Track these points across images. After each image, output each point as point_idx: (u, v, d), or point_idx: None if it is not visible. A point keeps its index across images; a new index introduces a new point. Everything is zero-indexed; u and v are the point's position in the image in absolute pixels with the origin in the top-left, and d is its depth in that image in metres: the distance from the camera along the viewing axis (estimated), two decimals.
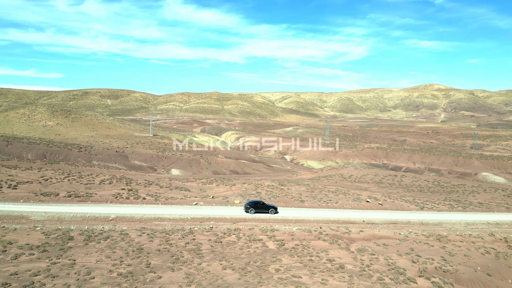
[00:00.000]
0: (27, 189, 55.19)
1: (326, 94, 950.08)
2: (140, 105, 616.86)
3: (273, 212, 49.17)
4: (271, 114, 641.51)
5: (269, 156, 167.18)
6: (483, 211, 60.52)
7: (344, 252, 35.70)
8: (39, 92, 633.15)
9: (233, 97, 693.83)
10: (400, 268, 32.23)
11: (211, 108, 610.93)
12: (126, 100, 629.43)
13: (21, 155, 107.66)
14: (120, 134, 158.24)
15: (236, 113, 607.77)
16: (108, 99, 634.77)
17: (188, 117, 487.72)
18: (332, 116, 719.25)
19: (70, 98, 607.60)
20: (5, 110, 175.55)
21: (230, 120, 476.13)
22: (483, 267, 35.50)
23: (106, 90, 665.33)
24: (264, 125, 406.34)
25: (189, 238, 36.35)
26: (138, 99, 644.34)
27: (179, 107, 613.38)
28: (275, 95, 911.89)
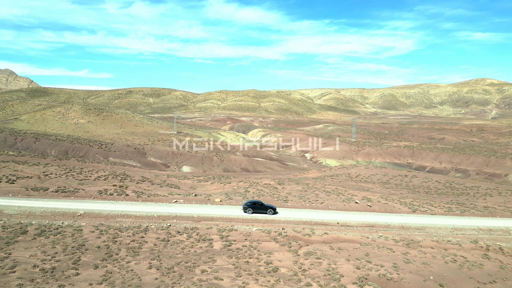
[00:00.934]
0: (23, 184, 58.65)
1: (367, 90, 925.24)
2: (180, 103, 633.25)
3: (271, 212, 48.74)
4: (308, 111, 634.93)
5: (289, 154, 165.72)
6: (483, 216, 56.43)
7: (289, 254, 34.78)
8: (88, 92, 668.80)
9: (270, 94, 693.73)
10: (338, 274, 30.90)
11: (247, 105, 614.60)
12: (167, 99, 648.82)
13: (46, 151, 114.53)
14: (146, 132, 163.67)
15: (273, 110, 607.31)
16: (150, 97, 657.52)
17: (225, 115, 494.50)
18: (372, 113, 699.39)
19: (115, 97, 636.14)
20: (44, 108, 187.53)
21: (264, 117, 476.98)
22: (438, 276, 33.16)
23: (148, 89, 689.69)
24: (298, 122, 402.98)
25: (139, 236, 37.06)
26: (178, 97, 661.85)
27: (217, 105, 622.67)
28: (314, 92, 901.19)
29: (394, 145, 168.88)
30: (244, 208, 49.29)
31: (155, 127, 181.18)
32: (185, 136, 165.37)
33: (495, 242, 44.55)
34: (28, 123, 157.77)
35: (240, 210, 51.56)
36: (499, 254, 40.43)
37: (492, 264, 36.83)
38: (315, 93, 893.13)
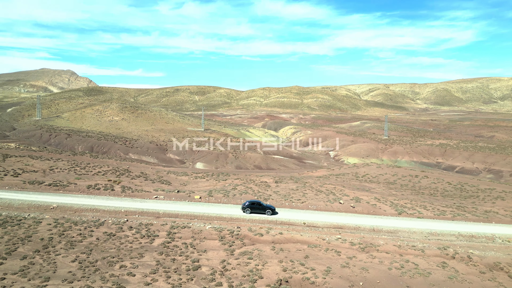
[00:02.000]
0: (26, 177, 63.41)
1: (419, 85, 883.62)
2: (223, 101, 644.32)
3: (270, 213, 48.60)
4: (353, 108, 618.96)
5: (314, 151, 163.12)
6: (476, 221, 52.49)
7: (223, 254, 34.82)
8: (139, 90, 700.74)
9: (313, 90, 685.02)
10: (258, 275, 30.50)
11: (289, 102, 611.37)
12: (211, 96, 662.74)
13: (74, 147, 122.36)
14: (174, 129, 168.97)
15: (315, 107, 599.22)
16: (196, 95, 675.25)
17: (266, 112, 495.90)
18: (422, 109, 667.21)
19: (163, 95, 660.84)
20: (84, 107, 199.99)
21: (305, 114, 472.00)
22: (369, 283, 31.62)
23: (195, 87, 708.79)
24: (339, 119, 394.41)
25: (89, 230, 38.92)
26: (222, 95, 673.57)
27: (259, 102, 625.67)
28: (361, 88, 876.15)
29: (428, 143, 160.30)
30: (242, 208, 49.38)
31: (185, 124, 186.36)
32: (211, 133, 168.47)
33: (468, 250, 41.45)
34: (67, 121, 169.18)
35: (214, 207, 52.28)
36: (462, 262, 37.57)
37: (442, 272, 34.36)
38: (363, 88, 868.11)
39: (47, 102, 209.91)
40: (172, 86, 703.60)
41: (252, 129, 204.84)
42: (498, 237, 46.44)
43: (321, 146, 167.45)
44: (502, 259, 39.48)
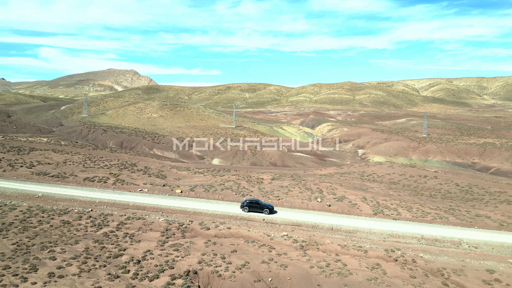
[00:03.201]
0: (39, 169, 70.42)
1: (487, 79, 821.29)
2: (273, 98, 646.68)
3: (267, 212, 48.73)
4: (409, 104, 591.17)
5: (344, 149, 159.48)
6: (457, 225, 49.60)
7: (153, 244, 36.87)
8: (192, 88, 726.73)
9: (366, 86, 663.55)
10: (169, 266, 32.02)
11: (341, 98, 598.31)
12: (261, 93, 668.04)
13: (106, 142, 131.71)
14: (206, 126, 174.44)
15: (368, 103, 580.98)
16: (247, 92, 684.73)
17: (314, 108, 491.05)
18: (489, 105, 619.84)
19: (215, 93, 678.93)
20: (128, 104, 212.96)
21: (355, 111, 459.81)
22: (278, 279, 31.90)
23: (245, 85, 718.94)
24: (389, 116, 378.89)
25: (51, 217, 42.88)
26: (272, 92, 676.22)
27: (309, 98, 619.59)
28: (421, 83, 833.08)
29: (469, 142, 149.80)
30: (241, 206, 50.03)
31: (218, 121, 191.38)
32: (241, 130, 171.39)
33: (420, 253, 39.73)
34: (110, 117, 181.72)
35: (187, 201, 54.66)
36: (399, 265, 36.21)
37: (366, 274, 33.55)
38: (422, 83, 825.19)
39: (97, 100, 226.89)
40: (224, 84, 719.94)
41: (286, 126, 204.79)
42: (466, 242, 43.74)
43: (351, 144, 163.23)
44: (451, 265, 37.43)
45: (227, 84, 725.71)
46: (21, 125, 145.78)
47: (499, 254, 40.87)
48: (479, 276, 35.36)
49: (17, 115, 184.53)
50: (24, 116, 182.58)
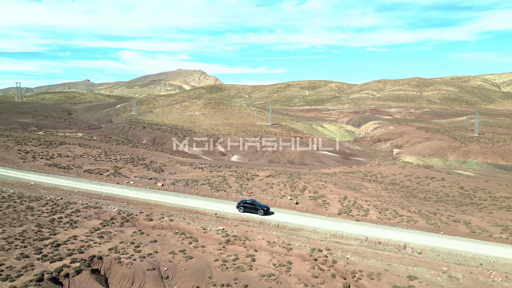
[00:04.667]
0: (56, 161, 78.58)
1: None
2: (333, 95, 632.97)
3: (261, 213, 48.31)
4: (484, 101, 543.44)
5: (380, 148, 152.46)
6: (422, 230, 46.70)
7: (84, 231, 39.90)
8: (253, 87, 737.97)
9: (436, 82, 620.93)
10: (82, 251, 34.95)
11: (406, 95, 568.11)
12: (321, 91, 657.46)
13: (141, 138, 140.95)
14: (243, 123, 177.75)
15: (436, 100, 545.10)
16: (306, 90, 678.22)
17: (375, 106, 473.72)
18: None
19: (274, 91, 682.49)
20: (176, 103, 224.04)
21: (418, 108, 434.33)
22: (173, 269, 33.20)
23: (305, 82, 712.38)
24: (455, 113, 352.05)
25: (21, 202, 48.41)
26: (332, 89, 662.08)
27: (372, 95, 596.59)
28: (504, 77, 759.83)
29: None
30: (237, 206, 50.25)
31: (257, 119, 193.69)
32: (276, 127, 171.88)
33: (347, 255, 38.41)
34: (155, 115, 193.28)
35: (158, 194, 57.82)
36: (314, 265, 35.45)
37: (267, 270, 33.44)
38: (505, 78, 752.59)
39: (149, 99, 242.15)
40: (283, 82, 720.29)
41: (327, 124, 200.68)
42: (412, 247, 41.22)
43: (389, 143, 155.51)
44: (372, 268, 35.77)
45: (287, 82, 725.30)
46: (74, 121, 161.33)
47: (437, 261, 37.96)
48: (393, 281, 33.52)
49: (77, 112, 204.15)
50: (82, 113, 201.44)
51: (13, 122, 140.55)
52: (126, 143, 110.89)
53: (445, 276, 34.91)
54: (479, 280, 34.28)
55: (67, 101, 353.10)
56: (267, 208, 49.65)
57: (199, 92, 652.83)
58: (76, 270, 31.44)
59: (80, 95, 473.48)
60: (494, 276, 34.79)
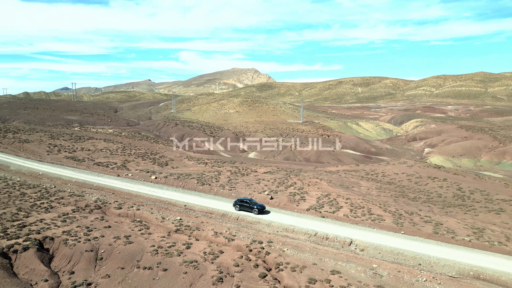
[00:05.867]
0: (77, 154, 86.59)
1: None
2: (387, 92, 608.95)
3: (256, 212, 48.46)
4: None
5: (413, 147, 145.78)
6: (383, 228, 46.18)
7: (51, 215, 44.58)
8: (303, 84, 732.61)
9: (505, 77, 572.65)
10: (38, 232, 39.56)
11: (468, 91, 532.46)
12: (375, 87, 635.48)
13: (171, 135, 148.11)
14: (273, 121, 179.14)
15: (503, 96, 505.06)
16: (359, 87, 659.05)
17: (431, 103, 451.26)
18: None
19: (325, 88, 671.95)
20: (215, 101, 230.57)
21: (479, 105, 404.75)
22: (108, 251, 36.46)
23: (359, 79, 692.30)
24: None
25: (19, 189, 54.70)
26: (387, 85, 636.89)
27: (429, 92, 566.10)
28: None
29: None
30: (233, 205, 50.90)
31: (290, 117, 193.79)
32: (306, 125, 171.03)
33: (285, 248, 39.40)
34: (192, 113, 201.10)
35: (145, 186, 62.04)
36: (249, 255, 36.80)
37: (193, 257, 35.30)
38: None
39: (191, 98, 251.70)
40: (335, 79, 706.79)
41: (363, 122, 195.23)
42: (357, 244, 41.08)
43: (423, 142, 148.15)
44: (301, 261, 36.45)
45: (339, 78, 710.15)
46: (115, 119, 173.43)
47: (372, 259, 37.62)
48: (313, 274, 34.16)
49: (123, 110, 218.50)
50: (127, 111, 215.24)
51: (61, 119, 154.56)
52: (148, 139, 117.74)
53: (370, 273, 34.67)
54: (402, 279, 33.66)
55: (128, 100, 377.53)
56: (262, 207, 49.32)
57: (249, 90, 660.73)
58: (24, 247, 35.83)
59: (140, 94, 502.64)
60: (421, 276, 33.92)
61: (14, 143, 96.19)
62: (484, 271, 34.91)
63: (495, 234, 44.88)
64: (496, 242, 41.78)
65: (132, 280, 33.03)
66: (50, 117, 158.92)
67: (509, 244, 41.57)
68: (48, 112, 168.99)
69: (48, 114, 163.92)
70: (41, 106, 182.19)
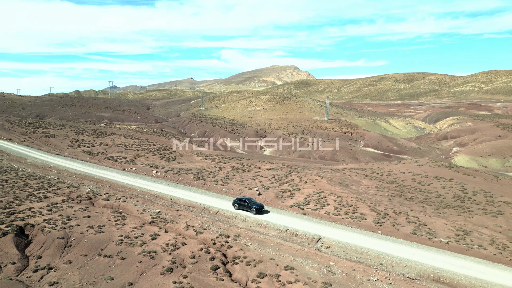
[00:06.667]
0: (92, 149, 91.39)
1: None
2: (432, 88, 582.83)
3: (254, 212, 47.49)
4: None
5: (441, 146, 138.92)
6: (359, 227, 45.34)
7: (41, 204, 47.94)
8: (343, 81, 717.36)
9: None
10: (22, 219, 42.68)
11: None
12: (418, 84, 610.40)
13: (194, 131, 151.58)
14: (298, 118, 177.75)
15: None
16: (402, 83, 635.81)
17: (479, 100, 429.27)
18: None
19: (366, 85, 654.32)
20: (244, 98, 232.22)
21: None
22: (78, 239, 38.68)
23: (401, 75, 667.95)
24: None
25: (23, 179, 58.96)
26: (432, 81, 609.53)
27: (478, 88, 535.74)
28: None
29: None
30: (232, 203, 50.43)
31: (316, 114, 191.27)
32: (331, 123, 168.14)
33: (249, 243, 39.81)
34: (220, 110, 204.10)
35: (142, 180, 64.49)
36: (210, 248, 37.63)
37: (154, 248, 36.62)
38: None
39: (221, 95, 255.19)
40: (376, 75, 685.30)
41: (393, 119, 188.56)
42: (324, 241, 40.73)
43: (453, 141, 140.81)
44: (259, 256, 36.73)
45: (381, 75, 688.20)
46: (145, 115, 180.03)
47: (332, 256, 37.13)
48: (266, 269, 34.37)
49: (155, 107, 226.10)
50: (159, 108, 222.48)
51: (93, 115, 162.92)
52: (167, 135, 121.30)
53: (324, 270, 34.25)
54: (353, 277, 32.98)
55: (169, 98, 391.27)
56: (260, 207, 47.97)
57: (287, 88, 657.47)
58: (4, 232, 38.78)
59: (181, 92, 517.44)
60: (374, 275, 33.02)
61: (41, 138, 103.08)
62: (446, 274, 33.35)
63: (481, 237, 42.51)
64: (476, 246, 39.62)
65: (90, 266, 34.79)
66: (84, 114, 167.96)
67: (489, 248, 39.27)
68: (83, 109, 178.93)
69: (83, 111, 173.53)
70: (78, 103, 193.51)
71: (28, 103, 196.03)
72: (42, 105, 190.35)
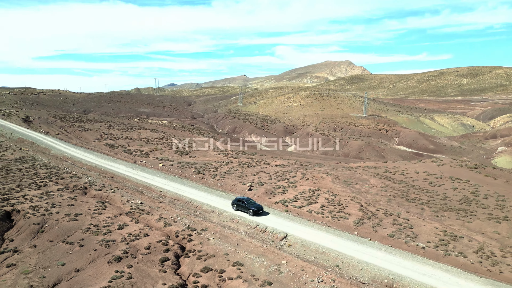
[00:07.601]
0: (116, 142, 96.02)
1: None
2: (499, 83, 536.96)
3: (251, 213, 45.22)
4: None
5: (486, 145, 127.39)
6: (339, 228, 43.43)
7: (35, 192, 50.92)
8: (399, 76, 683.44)
9: None
10: (7, 204, 45.82)
11: None
12: (483, 78, 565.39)
13: (225, 127, 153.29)
14: (334, 114, 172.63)
15: None
16: (465, 78, 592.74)
17: None
18: None
19: (423, 80, 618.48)
20: (283, 94, 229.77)
21: None
22: (59, 228, 40.73)
23: (465, 69, 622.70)
24: None
25: (35, 168, 63.21)
26: (499, 76, 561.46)
27: None
28: None
29: None
30: (231, 204, 50.74)
31: (355, 110, 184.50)
32: (367, 119, 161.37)
33: (212, 237, 39.67)
34: (256, 106, 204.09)
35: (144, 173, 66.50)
36: (171, 240, 38.07)
37: (118, 236, 37.79)
38: None
39: (262, 91, 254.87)
40: (436, 70, 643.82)
41: (439, 116, 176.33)
42: (289, 239, 39.53)
43: (501, 140, 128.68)
44: (215, 251, 36.55)
45: (441, 69, 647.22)
46: (183, 111, 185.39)
47: (287, 255, 35.96)
48: (214, 264, 34.12)
49: (196, 104, 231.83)
50: (200, 105, 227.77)
51: (132, 111, 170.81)
52: (193, 130, 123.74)
53: (272, 269, 33.12)
54: (299, 278, 31.55)
55: (220, 94, 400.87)
56: (258, 208, 45.40)
57: (339, 83, 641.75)
58: None
59: (232, 89, 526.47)
60: (321, 277, 31.23)
61: (75, 131, 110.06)
62: (401, 280, 30.68)
63: (469, 244, 38.63)
64: (455, 253, 36.05)
65: (51, 252, 36.44)
66: (126, 109, 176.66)
67: (471, 256, 35.54)
68: (126, 105, 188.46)
69: (125, 107, 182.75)
70: (124, 99, 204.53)
71: (79, 99, 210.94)
72: (91, 101, 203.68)
